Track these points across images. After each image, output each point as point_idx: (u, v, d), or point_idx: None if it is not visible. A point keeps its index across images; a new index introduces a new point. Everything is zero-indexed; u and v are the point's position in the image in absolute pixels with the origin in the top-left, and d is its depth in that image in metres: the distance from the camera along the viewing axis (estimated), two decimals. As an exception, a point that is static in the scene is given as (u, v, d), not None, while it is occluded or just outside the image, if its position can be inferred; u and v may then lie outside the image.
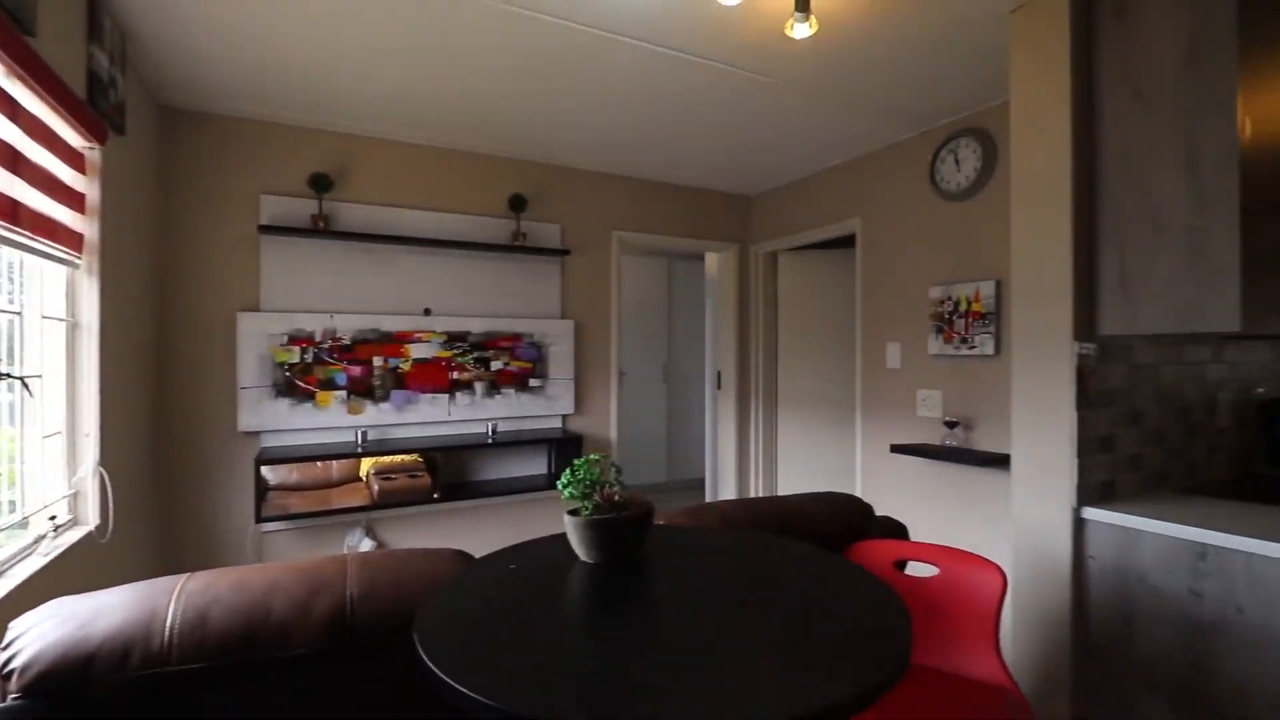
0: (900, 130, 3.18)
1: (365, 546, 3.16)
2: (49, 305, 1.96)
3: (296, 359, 3.05)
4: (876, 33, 2.20)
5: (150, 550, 2.66)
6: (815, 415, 4.21)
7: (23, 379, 1.78)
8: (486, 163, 3.54)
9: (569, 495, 1.32)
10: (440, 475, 3.30)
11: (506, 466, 3.64)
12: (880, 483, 3.40)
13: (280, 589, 1.10)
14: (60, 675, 0.92)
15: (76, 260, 1.99)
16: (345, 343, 3.16)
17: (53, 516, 1.89)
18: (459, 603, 1.14)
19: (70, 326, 2.02)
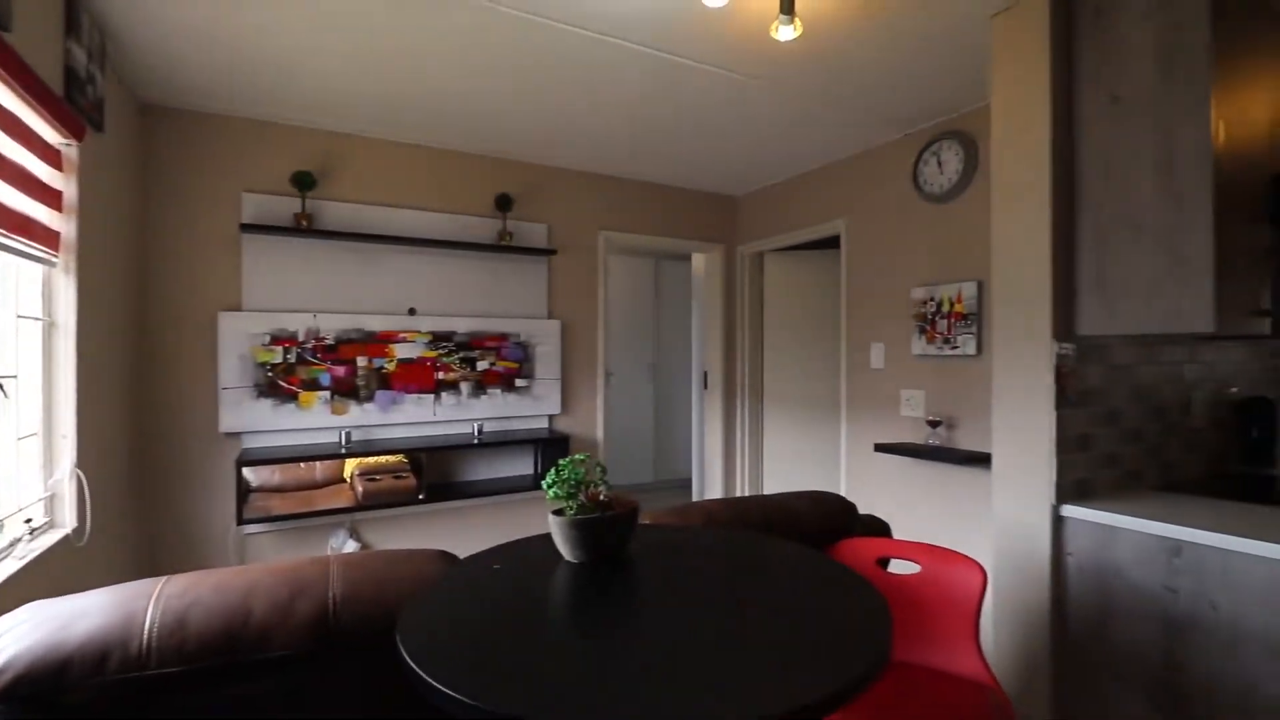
0: (884, 133, 3.21)
1: (349, 548, 3.14)
2: (24, 304, 1.92)
3: (279, 359, 3.02)
4: (860, 36, 2.22)
5: (129, 553, 2.62)
6: (801, 415, 4.23)
7: (-3, 379, 1.74)
8: (472, 162, 3.52)
9: (554, 495, 1.32)
10: (425, 476, 3.28)
11: (492, 467, 3.63)
12: (865, 481, 3.43)
13: (261, 591, 1.09)
14: (35, 680, 0.91)
15: (53, 259, 1.96)
16: (329, 343, 3.13)
17: (28, 519, 1.85)
18: (443, 603, 1.14)
19: (47, 326, 1.99)
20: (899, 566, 1.73)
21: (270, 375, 3.00)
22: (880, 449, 3.15)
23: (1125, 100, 1.82)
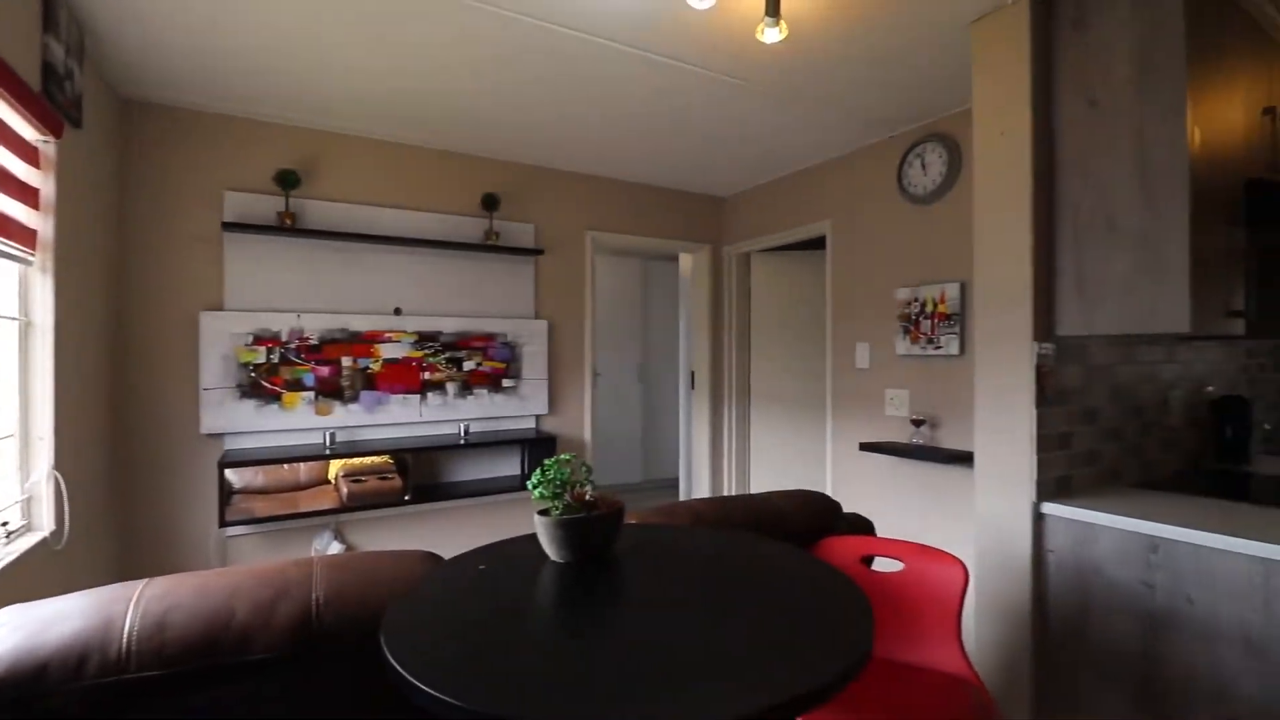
0: (868, 135, 3.23)
1: (334, 550, 3.11)
2: (0, 304, 1.89)
3: (262, 359, 2.99)
4: (845, 39, 2.24)
5: (108, 557, 2.58)
6: (787, 414, 4.26)
7: (-28, 380, 1.71)
8: (459, 161, 3.51)
9: (539, 495, 1.32)
10: (411, 477, 3.26)
11: (479, 467, 3.62)
12: (850, 480, 3.46)
13: (243, 593, 1.08)
14: (13, 684, 0.90)
15: (30, 257, 1.93)
16: (313, 343, 3.11)
17: (4, 523, 1.82)
18: (427, 604, 1.14)
19: (23, 326, 1.96)
20: (883, 564, 1.75)
21: (253, 376, 2.97)
22: (865, 448, 3.17)
23: (1103, 105, 1.85)
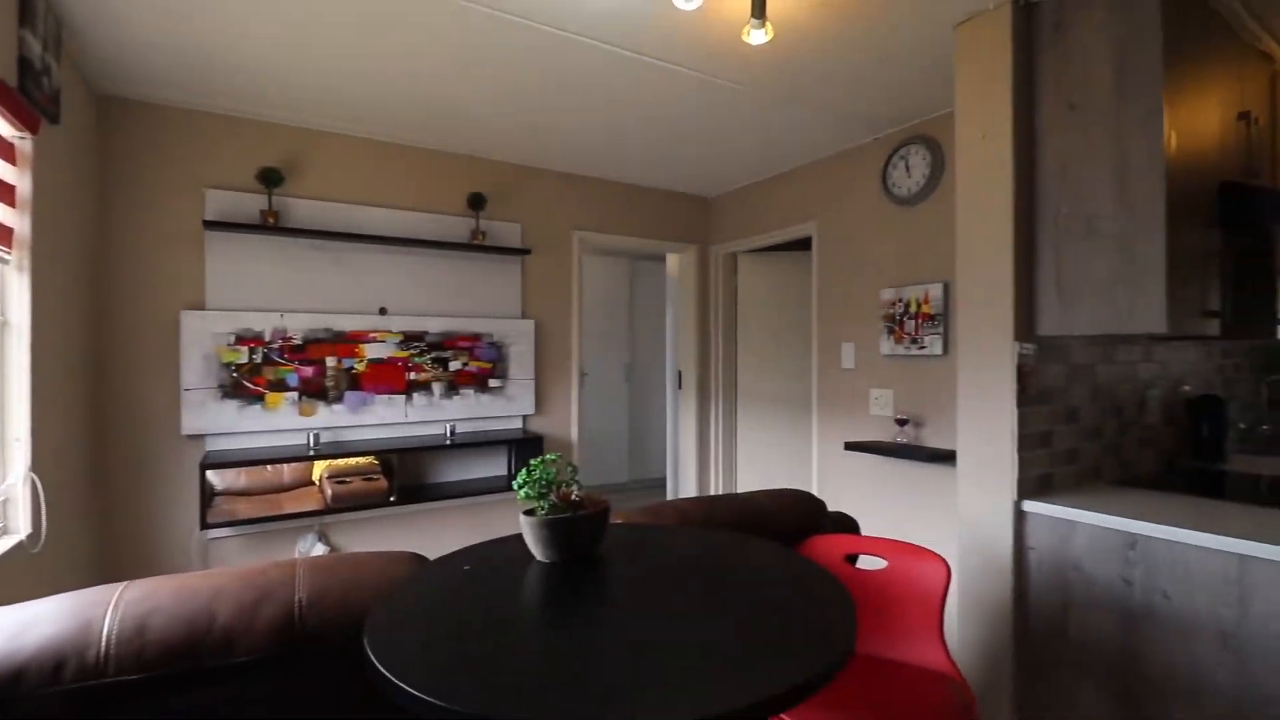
0: (854, 136, 3.26)
1: (318, 552, 3.09)
2: (-25, 303, 1.86)
3: (244, 359, 2.96)
4: (830, 41, 2.26)
5: (87, 560, 2.54)
6: (773, 414, 4.28)
7: (-55, 381, 1.68)
8: (445, 160, 3.49)
9: (524, 495, 1.32)
10: (397, 478, 3.24)
11: (465, 468, 3.60)
12: (835, 479, 3.48)
13: (225, 595, 1.07)
14: (-14, 690, 0.88)
15: (5, 256, 1.90)
16: (296, 342, 3.08)
17: (-21, 525, 1.79)
18: (411, 605, 1.13)
19: (-2, 325, 1.93)
20: (867, 562, 1.77)
21: (235, 376, 2.94)
22: (850, 447, 3.20)
23: (1082, 108, 1.88)
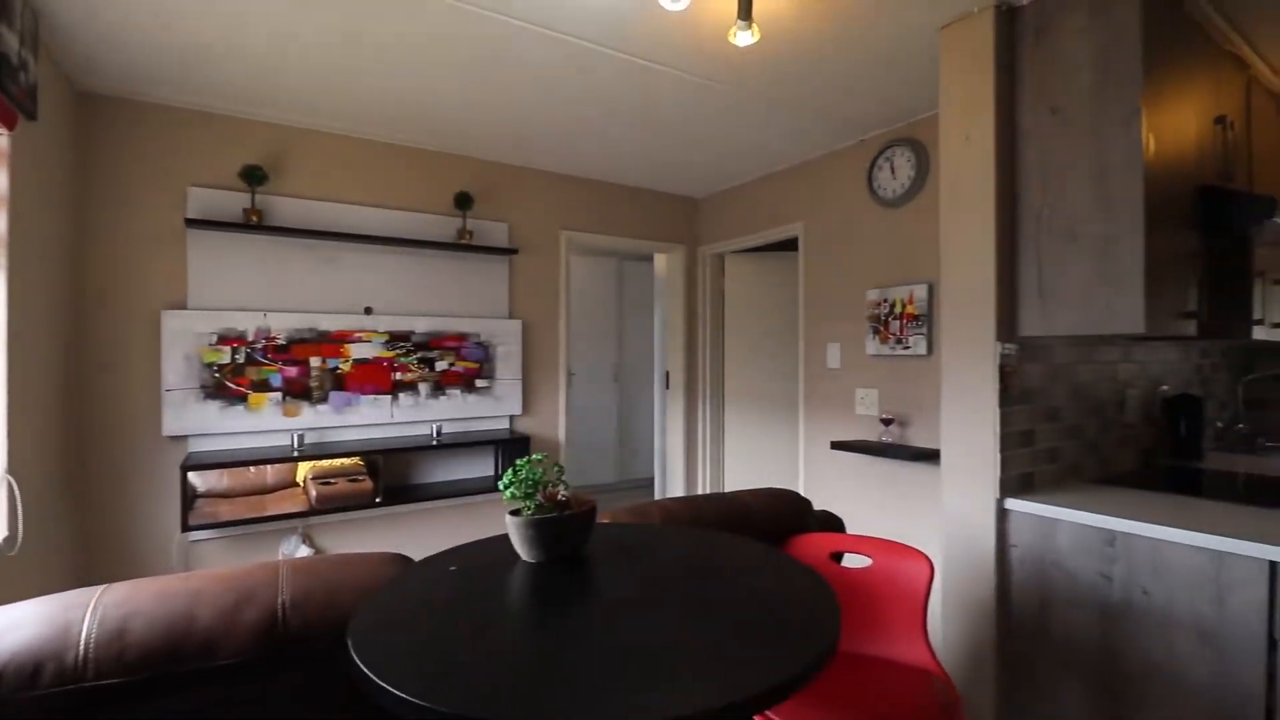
0: (840, 138, 3.28)
1: (302, 554, 3.06)
2: (-51, 302, 1.83)
3: (227, 359, 2.92)
4: (817, 43, 2.27)
5: (66, 563, 2.50)
6: (760, 413, 4.30)
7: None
8: (431, 159, 3.47)
9: (511, 495, 1.32)
10: (382, 479, 3.22)
11: (452, 468, 3.58)
12: (821, 478, 3.51)
13: (207, 598, 1.06)
14: (-39, 695, 0.87)
15: (-19, 254, 1.87)
16: (280, 342, 3.05)
17: (-47, 528, 1.76)
18: (396, 606, 1.13)
19: (-26, 325, 1.90)
20: (852, 560, 1.78)
21: (218, 376, 2.90)
22: (836, 446, 3.22)
23: (1063, 111, 1.91)
